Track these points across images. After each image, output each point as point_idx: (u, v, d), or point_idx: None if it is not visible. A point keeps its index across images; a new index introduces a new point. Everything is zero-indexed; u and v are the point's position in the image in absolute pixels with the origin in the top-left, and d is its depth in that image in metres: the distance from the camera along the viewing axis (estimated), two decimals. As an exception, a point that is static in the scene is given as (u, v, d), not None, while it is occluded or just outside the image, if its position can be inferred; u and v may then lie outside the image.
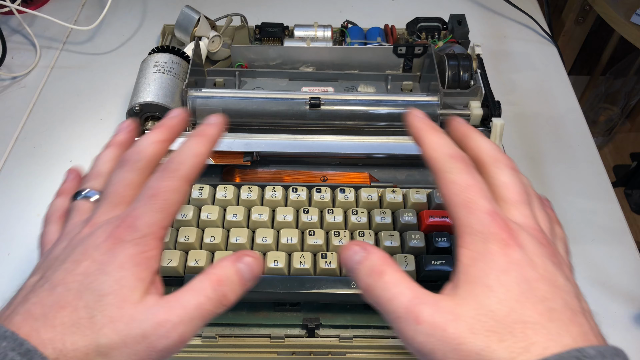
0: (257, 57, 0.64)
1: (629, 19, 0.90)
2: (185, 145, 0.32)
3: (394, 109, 0.57)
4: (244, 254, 0.31)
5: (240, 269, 0.30)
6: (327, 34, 0.67)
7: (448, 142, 0.32)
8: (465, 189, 0.29)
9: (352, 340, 0.45)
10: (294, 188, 0.50)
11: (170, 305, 0.28)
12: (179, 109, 0.36)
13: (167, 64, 0.58)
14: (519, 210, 0.30)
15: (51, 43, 0.77)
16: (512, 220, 0.29)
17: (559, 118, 0.69)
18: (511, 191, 0.30)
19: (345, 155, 0.54)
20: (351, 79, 0.63)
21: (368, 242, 0.32)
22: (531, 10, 0.83)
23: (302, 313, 0.46)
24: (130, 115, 0.55)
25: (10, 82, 0.71)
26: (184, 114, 0.35)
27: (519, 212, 0.30)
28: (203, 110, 0.56)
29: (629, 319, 0.50)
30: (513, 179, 0.31)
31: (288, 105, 0.56)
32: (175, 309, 0.27)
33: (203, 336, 0.44)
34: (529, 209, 0.30)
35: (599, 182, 0.62)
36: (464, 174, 0.30)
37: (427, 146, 0.32)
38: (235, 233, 0.47)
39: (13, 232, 0.55)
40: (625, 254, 0.55)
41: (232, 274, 0.30)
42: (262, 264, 0.33)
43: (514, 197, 0.30)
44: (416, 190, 0.50)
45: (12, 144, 0.64)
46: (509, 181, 0.31)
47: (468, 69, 0.59)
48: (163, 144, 0.33)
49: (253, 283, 0.31)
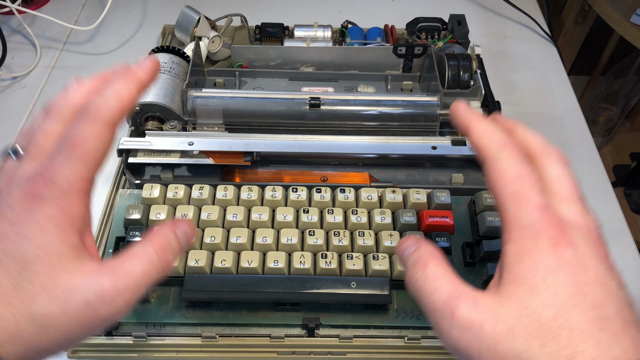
0: (257, 57, 0.64)
1: (628, 19, 0.90)
2: (109, 86, 0.29)
3: (394, 109, 0.57)
4: (179, 221, 0.30)
5: (180, 236, 0.30)
6: (327, 34, 0.67)
7: (498, 130, 0.29)
8: (517, 179, 0.27)
9: (352, 340, 0.45)
10: (294, 188, 0.50)
11: (115, 273, 0.27)
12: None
13: (167, 64, 0.58)
14: (572, 206, 0.28)
15: (51, 43, 0.77)
16: (564, 216, 0.27)
17: (558, 118, 0.69)
18: (564, 186, 0.28)
19: (345, 155, 0.54)
20: (351, 79, 0.63)
21: (422, 238, 0.32)
22: (531, 11, 0.83)
23: (302, 313, 0.46)
24: (130, 115, 0.55)
25: (10, 82, 0.71)
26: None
27: (571, 208, 0.28)
28: (203, 110, 0.56)
29: (628, 319, 0.50)
30: (566, 173, 0.29)
31: (288, 105, 0.56)
32: (121, 276, 0.26)
33: (203, 336, 0.44)
34: (582, 206, 0.28)
35: (599, 182, 0.62)
36: (516, 163, 0.28)
37: (476, 134, 0.30)
38: (235, 233, 0.47)
39: (13, 232, 0.55)
40: (625, 254, 0.55)
41: (173, 241, 0.29)
42: (195, 232, 0.32)
43: (566, 192, 0.28)
44: (416, 190, 0.50)
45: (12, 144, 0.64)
46: (562, 175, 0.29)
47: (468, 69, 0.59)
48: (95, 94, 0.29)
49: None
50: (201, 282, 0.44)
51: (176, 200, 0.50)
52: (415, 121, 0.56)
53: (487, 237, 0.48)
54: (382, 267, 0.45)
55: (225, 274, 0.45)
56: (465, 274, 0.48)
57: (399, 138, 0.54)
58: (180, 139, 0.52)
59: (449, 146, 0.54)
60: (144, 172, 0.54)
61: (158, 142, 0.52)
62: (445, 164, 0.56)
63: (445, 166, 0.56)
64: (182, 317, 0.45)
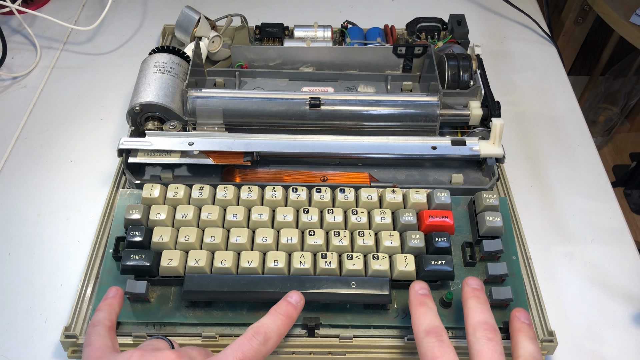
0: (257, 58, 0.64)
1: (628, 19, 0.90)
2: None
3: (393, 109, 0.57)
4: None
5: None
6: (327, 34, 0.67)
7: (432, 318, 0.39)
8: None
9: (352, 340, 0.45)
10: (294, 188, 0.50)
11: None
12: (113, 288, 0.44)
13: (167, 64, 0.58)
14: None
15: (51, 43, 0.77)
16: None
17: (558, 118, 0.69)
18: (480, 359, 0.37)
19: (345, 155, 0.54)
20: (351, 79, 0.63)
21: None
22: (531, 11, 0.83)
23: (302, 313, 0.45)
24: (130, 115, 0.55)
25: (10, 82, 0.71)
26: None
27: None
28: (203, 111, 0.56)
29: (628, 319, 0.50)
30: (484, 347, 0.37)
31: (288, 106, 0.56)
32: None
33: (203, 336, 0.44)
34: None
35: (599, 182, 0.62)
36: (431, 347, 0.37)
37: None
38: (235, 233, 0.47)
39: (13, 232, 0.55)
40: (625, 254, 0.55)
41: None
42: None
43: None
44: (416, 190, 0.51)
45: (12, 144, 0.64)
46: (480, 349, 0.37)
47: (468, 69, 0.59)
48: None
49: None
50: (201, 282, 0.44)
51: (176, 200, 0.50)
52: (415, 121, 0.56)
53: (487, 237, 0.49)
54: (382, 267, 0.45)
55: (225, 274, 0.45)
56: (465, 274, 0.48)
57: (399, 138, 0.54)
58: (180, 139, 0.53)
59: (449, 146, 0.54)
60: (144, 172, 0.54)
61: (158, 142, 0.52)
62: (445, 164, 0.56)
63: (445, 166, 0.56)
64: (182, 317, 0.45)
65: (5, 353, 0.47)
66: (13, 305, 0.50)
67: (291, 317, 0.41)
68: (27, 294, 0.51)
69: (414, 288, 0.42)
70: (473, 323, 0.39)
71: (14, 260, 0.53)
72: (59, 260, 0.53)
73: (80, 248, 0.54)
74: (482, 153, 0.53)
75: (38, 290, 0.51)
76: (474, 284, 0.42)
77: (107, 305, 0.42)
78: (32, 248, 0.54)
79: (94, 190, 0.59)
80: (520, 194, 0.59)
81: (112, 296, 0.43)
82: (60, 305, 0.50)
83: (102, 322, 0.40)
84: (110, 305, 0.42)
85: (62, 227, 0.56)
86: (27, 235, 0.55)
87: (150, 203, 0.50)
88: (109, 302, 0.42)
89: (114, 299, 0.43)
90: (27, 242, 0.55)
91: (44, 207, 0.58)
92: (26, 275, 0.52)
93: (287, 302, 0.42)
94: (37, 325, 0.49)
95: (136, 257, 0.45)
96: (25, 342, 0.48)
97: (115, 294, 0.43)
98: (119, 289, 0.44)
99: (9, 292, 0.51)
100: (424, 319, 0.39)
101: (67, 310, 0.49)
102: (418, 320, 0.40)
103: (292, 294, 0.43)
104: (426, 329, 0.38)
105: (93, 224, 0.55)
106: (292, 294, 0.43)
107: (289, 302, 0.42)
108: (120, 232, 0.49)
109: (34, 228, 0.56)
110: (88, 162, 0.62)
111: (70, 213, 0.57)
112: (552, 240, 0.56)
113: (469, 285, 0.42)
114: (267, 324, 0.40)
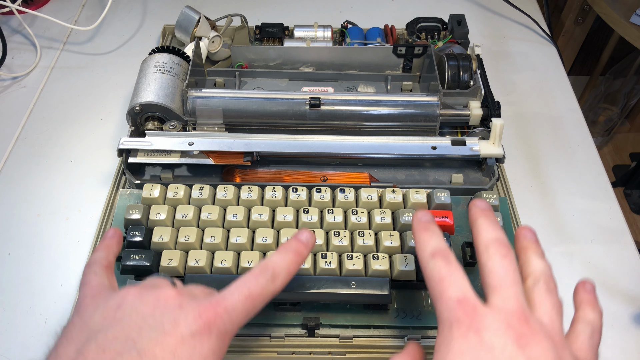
0: (257, 58, 0.64)
1: (628, 19, 0.90)
2: None
3: (393, 109, 0.57)
4: None
5: None
6: (327, 34, 0.67)
7: (493, 230, 0.35)
8: (438, 282, 0.32)
9: (352, 340, 0.45)
10: (294, 188, 0.50)
11: None
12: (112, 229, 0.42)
13: (167, 64, 0.58)
14: (500, 294, 0.32)
15: (51, 43, 0.77)
16: (488, 305, 0.31)
17: (558, 118, 0.69)
18: (493, 277, 0.33)
19: (345, 155, 0.54)
20: (351, 79, 0.63)
21: None
22: (531, 11, 0.83)
23: (302, 313, 0.46)
24: (130, 115, 0.55)
25: (10, 82, 0.71)
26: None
27: (498, 296, 0.32)
28: (203, 111, 0.56)
29: (628, 319, 0.50)
30: (498, 265, 0.33)
31: (288, 106, 0.56)
32: None
33: (203, 336, 0.44)
34: (513, 293, 0.32)
35: (599, 182, 0.62)
36: (437, 269, 0.33)
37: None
38: (235, 233, 0.47)
39: (13, 232, 0.55)
40: (625, 254, 0.55)
41: None
42: None
43: (495, 282, 0.32)
44: (416, 190, 0.51)
45: (12, 144, 0.64)
46: (492, 267, 0.33)
47: (468, 69, 0.59)
48: None
49: None
50: (201, 282, 0.44)
51: (176, 200, 0.50)
52: (415, 121, 0.56)
53: (487, 237, 0.49)
54: (382, 267, 0.45)
55: (225, 274, 0.45)
56: (466, 274, 0.48)
57: (399, 138, 0.54)
58: (180, 139, 0.53)
59: (449, 146, 0.54)
60: (144, 172, 0.54)
61: (158, 142, 0.52)
62: (445, 164, 0.56)
63: (445, 166, 0.56)
64: (182, 317, 0.45)
65: (5, 353, 0.47)
66: (13, 305, 0.50)
67: (301, 254, 0.37)
68: (27, 294, 0.51)
69: (417, 216, 0.38)
70: (484, 241, 0.34)
71: (14, 260, 0.53)
72: (59, 260, 0.53)
73: (80, 248, 0.54)
74: (482, 153, 0.53)
75: (38, 290, 0.51)
76: (482, 205, 0.37)
77: (105, 245, 0.40)
78: (32, 248, 0.54)
79: (94, 190, 0.59)
80: (520, 194, 0.59)
81: (110, 237, 0.41)
82: (60, 305, 0.50)
83: (99, 262, 0.38)
84: (107, 245, 0.40)
85: (62, 227, 0.56)
86: (27, 235, 0.55)
87: (150, 203, 0.50)
88: (106, 242, 0.40)
89: (112, 240, 0.40)
90: (27, 242, 0.55)
91: (44, 207, 0.58)
92: (26, 275, 0.52)
93: (297, 239, 0.38)
94: (37, 326, 0.49)
95: (136, 257, 0.45)
96: (25, 342, 0.48)
97: (114, 234, 0.41)
98: (117, 230, 0.41)
99: (9, 292, 0.51)
100: (428, 242, 0.35)
101: (67, 310, 0.49)
102: (422, 245, 0.35)
103: (302, 232, 0.39)
104: (431, 251, 0.34)
105: (93, 224, 0.55)
106: (302, 231, 0.39)
107: (299, 239, 0.38)
108: (120, 232, 0.49)
109: (34, 228, 0.56)
110: (88, 162, 0.62)
111: (70, 213, 0.57)
112: (551, 240, 0.56)
113: (476, 206, 0.37)
114: (276, 260, 0.36)
